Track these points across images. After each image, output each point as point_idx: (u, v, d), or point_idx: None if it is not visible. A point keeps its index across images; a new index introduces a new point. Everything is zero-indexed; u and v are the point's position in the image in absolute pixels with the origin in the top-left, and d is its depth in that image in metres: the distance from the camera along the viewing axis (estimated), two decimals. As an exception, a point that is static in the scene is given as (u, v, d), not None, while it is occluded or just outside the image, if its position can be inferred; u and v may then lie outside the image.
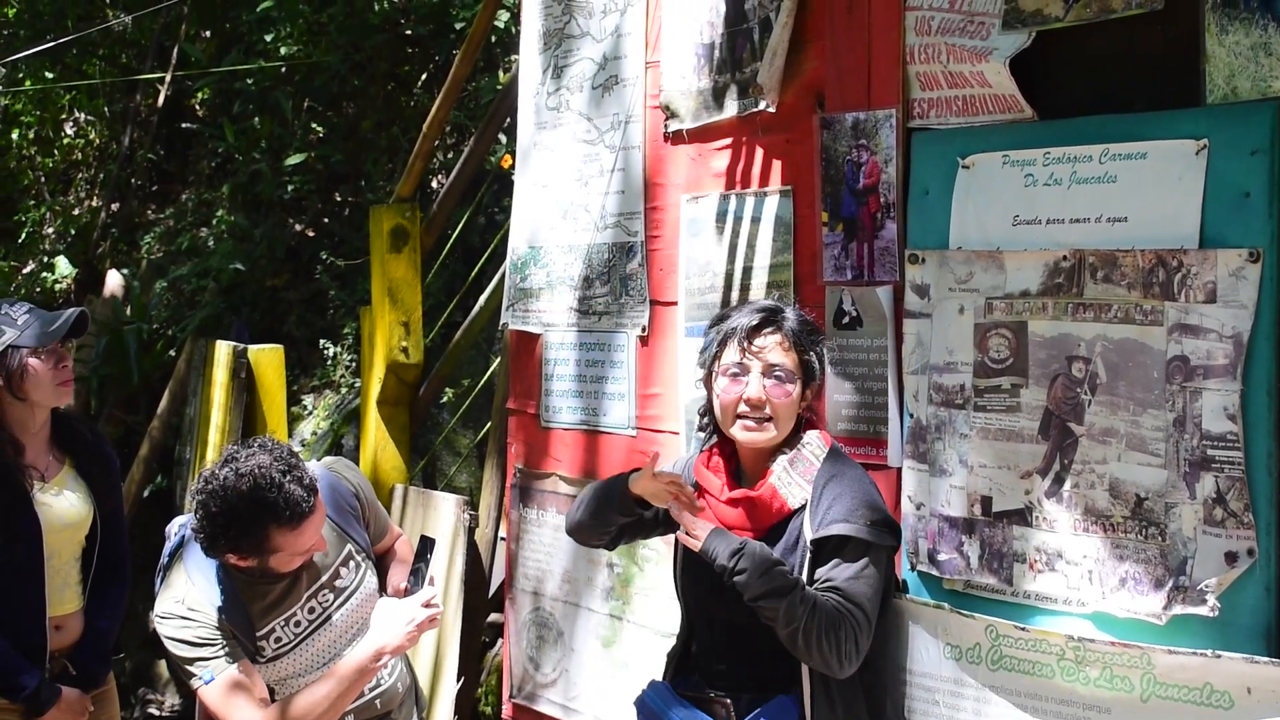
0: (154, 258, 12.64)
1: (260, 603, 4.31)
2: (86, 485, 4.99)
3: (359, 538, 4.54)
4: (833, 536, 3.74)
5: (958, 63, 4.14)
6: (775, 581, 3.67)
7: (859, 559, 3.75)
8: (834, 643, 3.65)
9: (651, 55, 5.33)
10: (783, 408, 3.86)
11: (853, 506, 3.77)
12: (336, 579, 4.43)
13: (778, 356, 3.86)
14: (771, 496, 3.87)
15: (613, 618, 5.43)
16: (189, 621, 4.22)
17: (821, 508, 3.79)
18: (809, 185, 4.62)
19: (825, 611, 3.65)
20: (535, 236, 5.87)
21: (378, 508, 4.70)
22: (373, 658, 4.27)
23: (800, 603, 3.64)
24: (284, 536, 4.11)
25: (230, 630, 4.22)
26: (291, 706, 4.23)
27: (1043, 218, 3.92)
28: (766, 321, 3.89)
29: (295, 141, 11.56)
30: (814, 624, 3.64)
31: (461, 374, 9.59)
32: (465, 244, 9.79)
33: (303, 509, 4.10)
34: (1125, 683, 3.62)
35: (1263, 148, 3.50)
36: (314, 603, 4.38)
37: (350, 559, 4.48)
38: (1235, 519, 3.50)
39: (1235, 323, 3.50)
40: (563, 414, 5.74)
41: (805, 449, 3.92)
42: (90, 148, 14.77)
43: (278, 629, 4.34)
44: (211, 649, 4.21)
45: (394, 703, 4.60)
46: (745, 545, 3.72)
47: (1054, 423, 3.86)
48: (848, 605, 3.69)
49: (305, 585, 4.36)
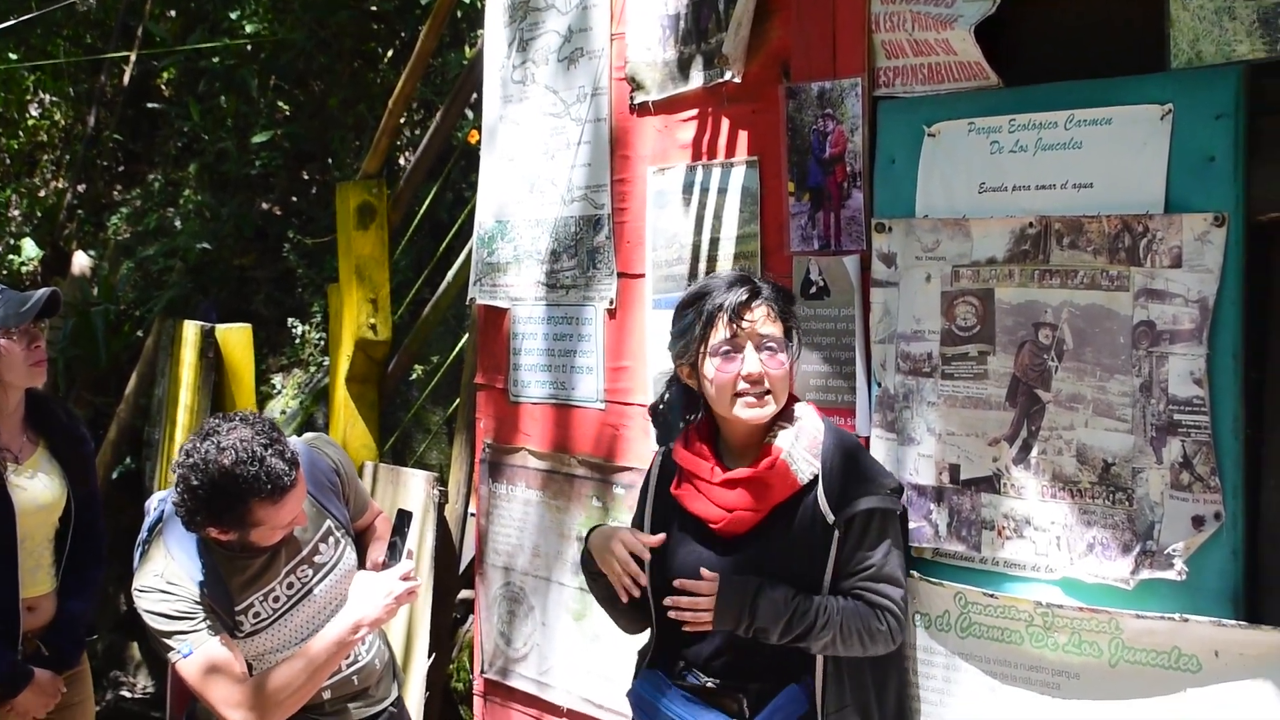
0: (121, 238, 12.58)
1: (239, 577, 4.30)
2: (61, 467, 4.97)
3: (338, 513, 4.53)
4: (858, 512, 3.75)
5: (923, 30, 4.13)
6: (797, 628, 3.70)
7: (884, 533, 3.79)
8: (870, 643, 3.74)
9: (617, 27, 5.31)
10: (779, 379, 3.80)
11: (870, 478, 3.80)
12: (316, 554, 4.42)
13: (768, 328, 3.80)
14: (784, 474, 3.80)
15: (583, 591, 5.41)
16: (168, 595, 4.21)
17: (836, 483, 3.78)
18: (775, 155, 4.61)
19: (854, 625, 3.71)
20: (502, 211, 5.86)
21: (357, 484, 4.70)
22: (350, 631, 4.27)
23: (826, 628, 3.69)
24: (265, 510, 4.10)
25: (210, 604, 4.22)
26: (269, 680, 4.23)
27: (1009, 185, 3.92)
28: (753, 294, 3.82)
29: (261, 120, 11.52)
30: (846, 643, 3.72)
31: (430, 350, 9.58)
32: (433, 220, 9.78)
33: (284, 482, 4.09)
34: (1094, 648, 3.65)
35: (1227, 112, 3.49)
36: (293, 578, 4.37)
37: (330, 534, 4.47)
38: (1202, 483, 3.51)
39: (1201, 287, 3.50)
40: (531, 388, 5.73)
41: (806, 422, 3.88)
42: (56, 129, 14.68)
43: (256, 604, 4.33)
44: (190, 623, 4.20)
45: (372, 679, 4.59)
46: (756, 604, 3.70)
47: (1021, 390, 3.87)
48: (881, 593, 3.76)
49: (284, 561, 4.36)
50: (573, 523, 5.46)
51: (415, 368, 9.64)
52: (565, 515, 5.52)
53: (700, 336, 3.83)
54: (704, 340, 3.83)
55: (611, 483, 5.27)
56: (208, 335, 8.06)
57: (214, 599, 4.24)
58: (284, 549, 4.36)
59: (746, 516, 3.82)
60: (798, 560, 3.79)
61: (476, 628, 6.08)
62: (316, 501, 4.45)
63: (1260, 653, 3.39)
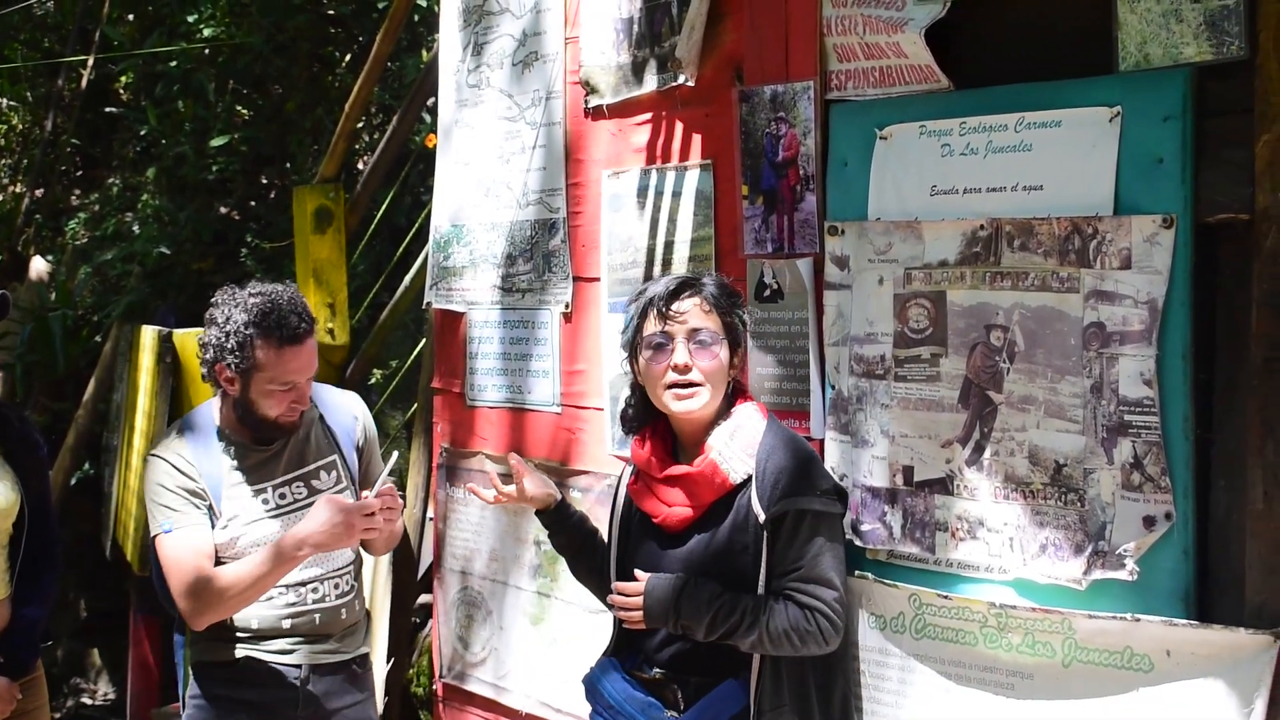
0: (79, 243, 12.51)
1: (238, 464, 4.70)
2: (14, 472, 4.93)
3: (349, 458, 4.87)
4: (787, 512, 3.75)
5: (874, 34, 4.15)
6: (721, 626, 3.74)
7: (814, 534, 3.77)
8: (800, 644, 3.74)
9: (571, 31, 5.31)
10: (711, 372, 3.85)
11: (801, 478, 3.78)
12: (314, 479, 4.77)
13: (699, 320, 3.85)
14: (713, 472, 3.84)
15: (541, 595, 5.43)
16: (174, 472, 4.60)
17: (768, 482, 3.79)
18: (729, 159, 4.62)
19: (781, 624, 3.71)
20: (458, 215, 5.85)
21: (375, 455, 5.02)
22: (293, 545, 4.48)
23: (751, 627, 3.72)
24: (269, 353, 4.52)
25: (203, 493, 4.60)
26: (219, 576, 4.51)
27: (960, 187, 3.93)
28: (684, 287, 3.89)
29: (219, 124, 11.46)
30: (775, 643, 3.73)
31: (389, 354, 9.55)
32: (391, 224, 9.76)
33: (293, 332, 4.54)
34: (1047, 648, 3.66)
35: (1175, 114, 3.52)
36: (286, 489, 4.73)
37: (334, 469, 4.82)
38: (1153, 483, 3.53)
39: (1150, 289, 3.52)
40: (488, 392, 5.73)
41: (745, 420, 3.91)
42: (13, 133, 14.59)
43: (241, 496, 4.67)
44: (183, 504, 4.58)
45: (335, 624, 4.79)
46: (679, 602, 3.77)
47: (973, 391, 3.88)
48: (810, 594, 3.75)
49: (282, 469, 4.73)
50: (529, 527, 5.45)
51: (374, 372, 9.61)
52: (522, 519, 5.51)
53: (635, 329, 3.94)
54: (639, 332, 3.92)
55: (568, 486, 5.27)
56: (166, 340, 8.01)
57: (208, 480, 4.61)
58: (284, 456, 4.74)
59: (683, 513, 3.88)
60: (734, 558, 3.83)
61: (435, 632, 6.07)
62: (334, 438, 4.86)
63: (1211, 652, 3.40)
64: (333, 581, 4.80)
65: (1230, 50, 3.44)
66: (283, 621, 4.69)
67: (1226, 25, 3.44)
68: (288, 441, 4.77)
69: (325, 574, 4.78)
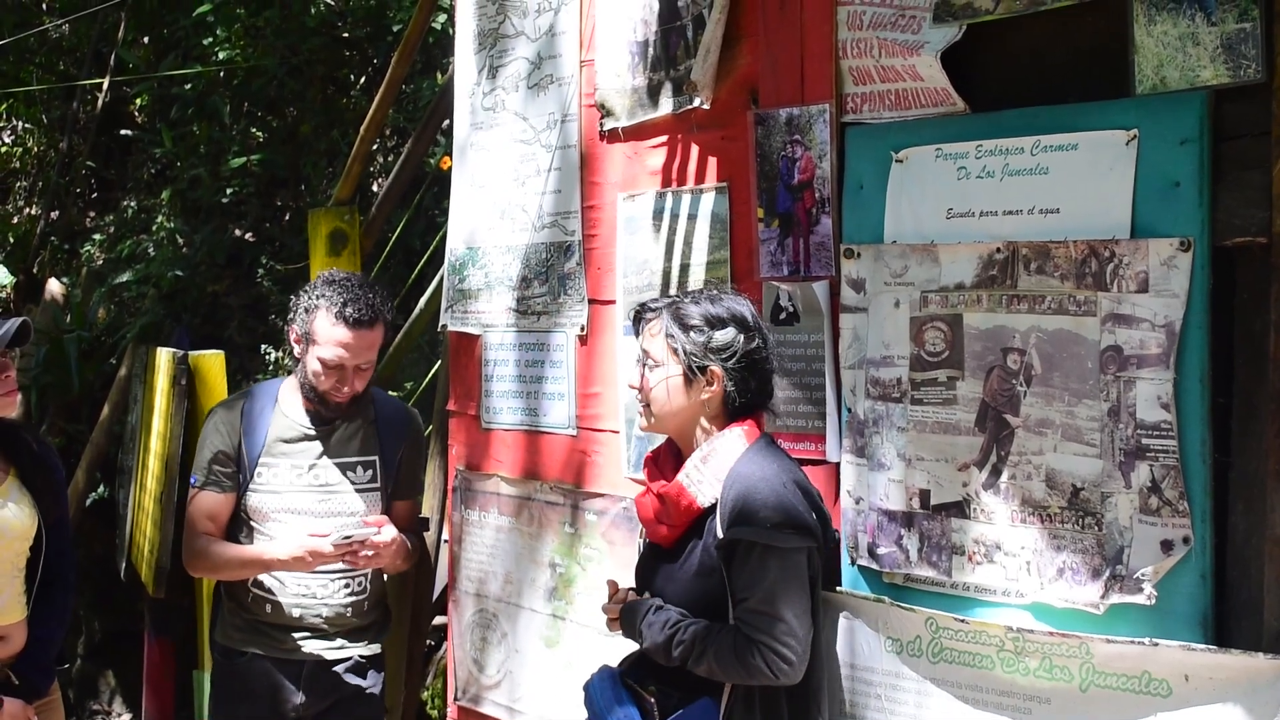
0: (94, 265, 12.53)
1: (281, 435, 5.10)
2: (31, 496, 4.93)
3: (389, 465, 5.22)
4: (738, 541, 3.77)
5: (890, 57, 4.15)
6: (674, 652, 3.82)
7: (765, 565, 3.76)
8: (748, 675, 3.75)
9: (586, 54, 5.32)
10: (650, 394, 3.98)
11: (754, 509, 3.77)
12: (350, 470, 5.13)
13: (645, 342, 4.01)
14: (679, 494, 3.90)
15: (556, 618, 5.42)
16: (219, 431, 5.14)
17: (726, 509, 3.82)
18: (744, 181, 4.62)
19: (728, 656, 3.74)
20: (473, 237, 5.86)
21: (416, 468, 5.52)
22: (259, 565, 4.99)
23: (701, 657, 3.78)
24: (326, 326, 4.93)
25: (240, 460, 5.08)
26: (210, 547, 5.06)
27: (976, 210, 3.93)
28: (645, 309, 4.06)
29: (234, 146, 11.48)
30: (725, 672, 3.78)
31: (404, 377, 9.55)
32: (405, 246, 9.76)
33: (356, 314, 4.92)
34: (1065, 672, 3.65)
35: (1192, 137, 3.51)
36: (319, 469, 5.10)
37: (371, 467, 5.17)
38: (1170, 507, 3.52)
39: (1168, 312, 3.51)
40: (503, 415, 5.72)
41: (721, 445, 3.94)
42: (29, 156, 14.63)
43: (279, 465, 5.08)
44: (213, 464, 5.09)
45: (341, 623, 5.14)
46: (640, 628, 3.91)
47: (990, 414, 3.87)
48: (755, 626, 3.73)
49: (325, 452, 5.11)
50: (545, 549, 5.45)
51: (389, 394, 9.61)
52: (537, 542, 5.51)
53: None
54: None
55: (583, 509, 5.27)
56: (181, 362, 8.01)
57: (248, 445, 5.07)
58: (330, 441, 5.12)
59: (660, 529, 3.97)
60: (707, 581, 3.88)
61: (450, 655, 6.06)
62: (380, 440, 5.21)
63: (1229, 676, 3.39)
64: (343, 581, 5.08)
65: (1247, 73, 3.44)
66: (292, 610, 5.05)
67: (1243, 48, 3.44)
68: (335, 428, 5.09)
69: (340, 573, 5.06)
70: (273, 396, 5.17)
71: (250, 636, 5.11)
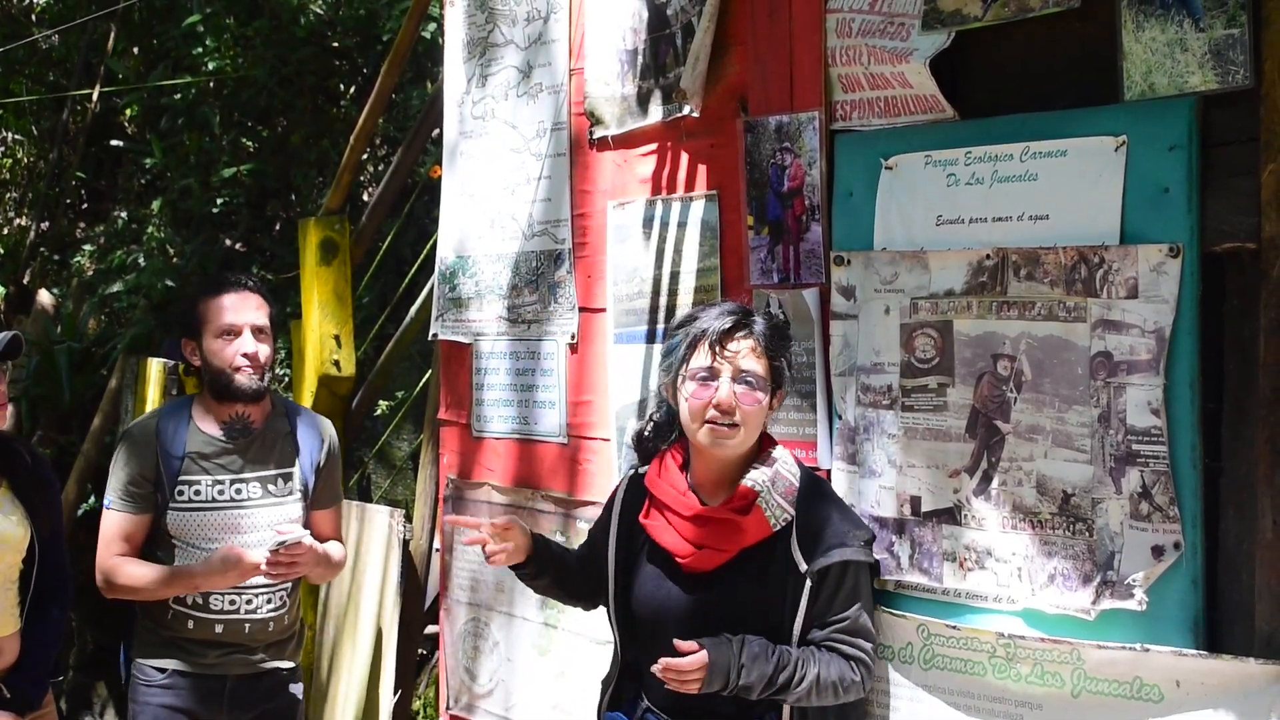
0: (85, 276, 12.52)
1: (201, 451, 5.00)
2: (24, 508, 4.92)
3: (306, 474, 5.14)
4: (833, 564, 3.72)
5: (879, 64, 4.15)
6: (778, 683, 3.66)
7: (858, 586, 3.77)
8: (844, 694, 3.73)
9: (575, 62, 5.32)
10: (752, 414, 3.78)
11: (846, 529, 3.78)
12: (270, 483, 5.05)
13: (749, 362, 3.78)
14: (758, 518, 3.77)
15: (548, 626, 5.42)
16: (134, 454, 4.98)
17: (812, 531, 3.75)
18: (734, 189, 4.62)
19: (831, 677, 3.69)
20: (463, 246, 5.86)
21: (334, 476, 5.31)
22: (188, 578, 4.90)
23: (804, 681, 3.67)
24: (207, 304, 4.97)
25: (155, 480, 4.95)
26: (125, 569, 4.95)
27: (965, 217, 3.93)
28: (739, 325, 3.81)
29: (224, 156, 11.48)
30: (820, 695, 3.70)
31: (395, 386, 9.55)
32: (396, 255, 9.75)
33: (227, 281, 5.05)
34: (1056, 679, 3.65)
35: (1180, 143, 3.52)
36: (242, 485, 5.02)
37: (290, 479, 5.09)
38: (1161, 513, 3.52)
39: (1157, 318, 3.52)
40: (494, 423, 5.72)
41: (782, 467, 3.84)
42: (19, 167, 14.62)
43: (201, 484, 4.98)
44: (128, 486, 4.97)
45: (263, 636, 5.09)
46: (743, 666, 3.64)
47: (981, 421, 3.88)
48: (855, 645, 3.75)
49: (242, 466, 5.02)
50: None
51: (380, 403, 9.62)
52: (529, 551, 5.49)
53: (683, 359, 3.84)
54: (685, 363, 3.83)
55: (575, 517, 5.27)
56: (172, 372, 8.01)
57: (166, 465, 4.95)
58: (247, 455, 5.03)
59: (713, 555, 3.79)
60: (768, 607, 3.76)
61: (442, 663, 6.06)
62: (296, 450, 5.13)
63: (1221, 682, 3.39)
64: (265, 595, 5.04)
65: (1235, 79, 3.45)
66: (215, 625, 4.99)
67: (1231, 54, 3.44)
68: (252, 441, 5.07)
69: (260, 587, 5.02)
70: (186, 413, 5.09)
71: (170, 652, 5.04)
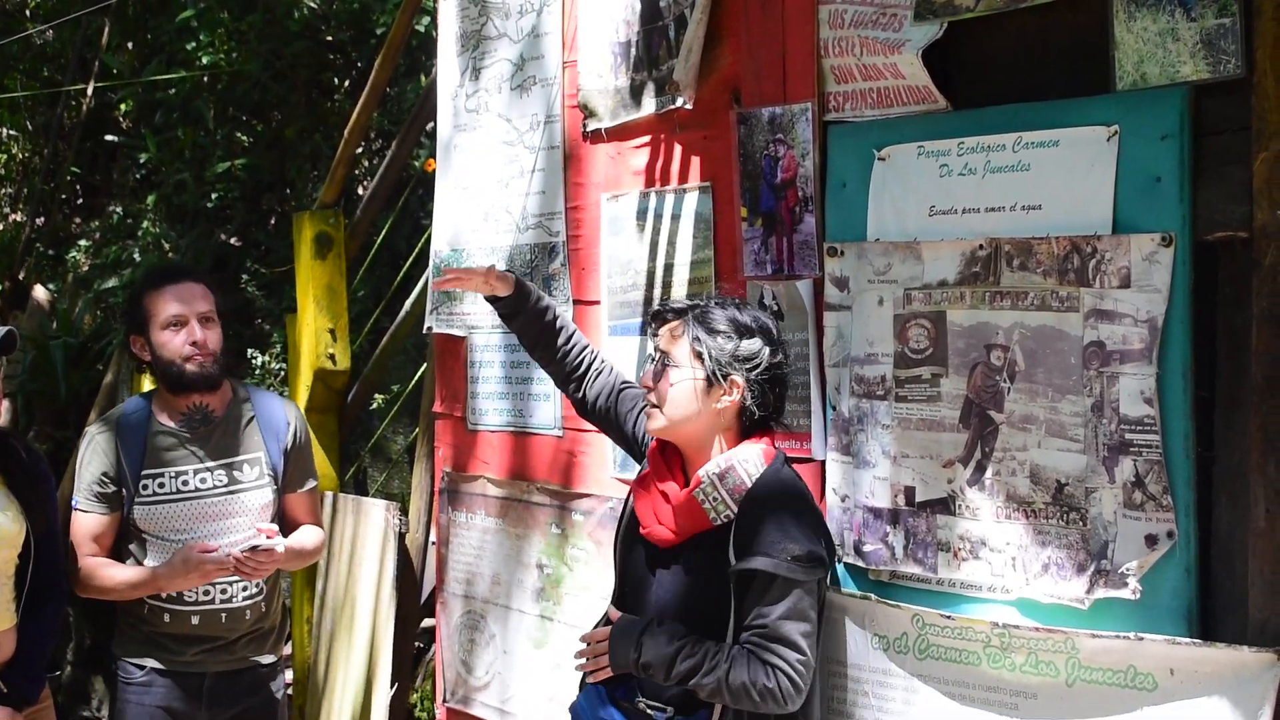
0: (80, 271, 12.51)
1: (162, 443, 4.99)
2: (19, 504, 4.92)
3: (274, 459, 5.12)
4: (752, 571, 3.67)
5: (871, 55, 4.15)
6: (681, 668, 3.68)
7: (784, 596, 3.66)
8: (760, 700, 3.64)
9: (569, 55, 5.32)
10: (665, 396, 3.84)
11: (775, 540, 3.67)
12: (237, 470, 5.03)
13: (665, 343, 3.89)
14: (694, 508, 3.79)
15: (544, 618, 5.42)
16: (97, 454, 4.98)
17: (746, 535, 3.71)
18: (727, 181, 4.62)
19: (742, 676, 3.63)
20: (457, 239, 5.86)
21: (304, 458, 5.27)
22: (149, 586, 4.89)
23: (711, 672, 3.65)
24: (151, 296, 4.94)
25: (120, 479, 4.94)
26: (97, 569, 4.94)
27: (958, 207, 3.94)
28: (669, 309, 3.94)
29: (219, 151, 11.47)
30: (733, 695, 3.65)
31: (390, 379, 9.55)
32: (391, 249, 9.75)
33: (170, 270, 5.17)
34: (1050, 668, 3.65)
35: (1172, 133, 3.52)
36: (208, 475, 5.00)
37: (258, 464, 5.08)
38: (1154, 502, 3.53)
39: (1150, 307, 3.52)
40: (489, 416, 5.73)
41: (739, 463, 3.80)
42: (13, 162, 14.60)
43: (164, 476, 4.97)
44: (94, 487, 4.96)
45: (240, 626, 5.06)
46: (642, 641, 3.74)
47: (974, 411, 3.88)
48: (774, 652, 3.64)
49: (207, 456, 5.00)
50: (532, 550, 5.46)
51: (375, 397, 9.61)
52: (524, 543, 5.51)
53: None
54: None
55: (570, 509, 5.27)
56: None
57: (128, 461, 4.94)
58: (210, 445, 5.01)
59: (665, 535, 3.85)
60: (709, 598, 3.77)
61: (438, 656, 6.06)
62: (262, 435, 5.11)
63: (1215, 670, 3.39)
64: (241, 583, 5.02)
65: (1227, 69, 3.45)
66: (192, 618, 4.97)
67: (1223, 44, 3.45)
68: (213, 430, 5.05)
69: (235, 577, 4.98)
70: (145, 409, 5.06)
71: (149, 650, 5.03)
